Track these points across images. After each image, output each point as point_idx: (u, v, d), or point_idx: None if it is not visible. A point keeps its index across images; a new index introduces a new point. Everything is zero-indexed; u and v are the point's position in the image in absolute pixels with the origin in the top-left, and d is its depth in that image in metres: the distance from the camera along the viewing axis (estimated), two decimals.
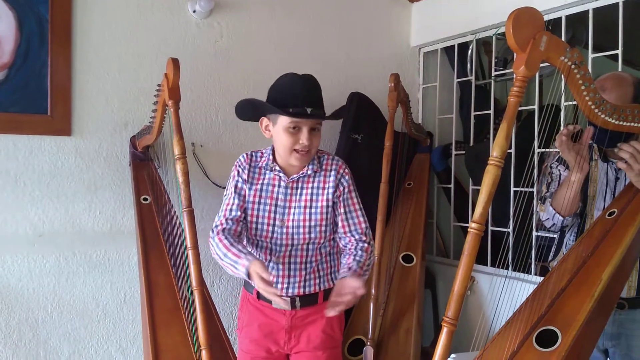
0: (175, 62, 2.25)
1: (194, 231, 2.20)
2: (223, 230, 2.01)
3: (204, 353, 2.14)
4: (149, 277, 2.53)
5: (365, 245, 2.05)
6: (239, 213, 2.04)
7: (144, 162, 2.87)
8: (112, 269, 2.87)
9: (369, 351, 2.82)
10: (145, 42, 2.92)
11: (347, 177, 2.06)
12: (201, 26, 3.06)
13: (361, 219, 2.08)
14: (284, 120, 1.96)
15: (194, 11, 3.00)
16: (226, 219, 2.04)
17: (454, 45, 3.47)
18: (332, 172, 2.05)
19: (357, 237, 2.07)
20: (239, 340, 2.19)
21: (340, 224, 2.07)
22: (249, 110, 2.10)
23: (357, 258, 2.01)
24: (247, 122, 3.10)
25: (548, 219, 2.21)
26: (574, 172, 2.02)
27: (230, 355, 2.37)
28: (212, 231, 2.04)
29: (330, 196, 2.03)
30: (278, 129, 1.98)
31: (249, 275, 1.84)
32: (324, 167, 2.06)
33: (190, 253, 2.19)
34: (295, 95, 1.94)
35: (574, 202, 2.09)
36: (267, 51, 3.22)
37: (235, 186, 2.07)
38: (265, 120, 2.04)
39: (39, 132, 2.71)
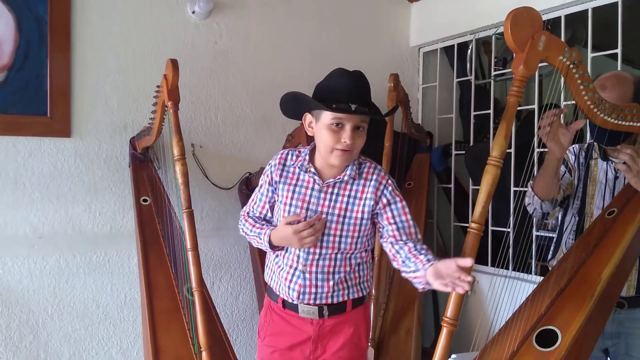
0: (174, 63, 2.25)
1: (193, 232, 2.20)
2: (248, 215, 2.05)
3: (204, 354, 2.13)
4: (149, 279, 2.53)
5: (420, 244, 1.88)
6: (259, 209, 2.03)
7: (143, 164, 2.87)
8: (112, 271, 2.87)
9: (369, 351, 2.81)
10: (145, 43, 2.93)
11: (390, 188, 1.92)
12: (200, 27, 3.06)
13: (412, 229, 1.92)
14: (326, 117, 1.85)
15: (193, 12, 3.00)
16: (247, 213, 2.06)
17: (453, 45, 3.47)
18: (372, 183, 1.91)
19: (410, 244, 1.89)
20: (259, 348, 2.09)
21: (391, 233, 1.92)
22: (292, 105, 1.97)
23: (427, 255, 1.82)
24: (247, 123, 3.16)
25: (530, 203, 2.23)
26: (548, 153, 2.04)
27: (230, 357, 2.37)
28: (240, 217, 2.07)
29: (367, 208, 1.89)
30: (320, 126, 1.87)
31: (271, 243, 1.91)
32: (364, 175, 1.93)
33: (190, 254, 2.19)
34: (340, 91, 1.84)
35: (551, 185, 2.11)
36: (266, 52, 3.22)
37: (261, 186, 2.02)
38: (308, 117, 1.93)
39: (39, 133, 2.71)
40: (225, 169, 3.10)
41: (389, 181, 1.93)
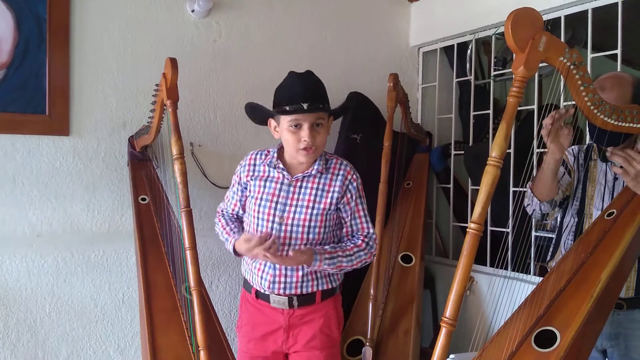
0: (173, 62, 2.24)
1: (192, 231, 2.19)
2: (222, 214, 2.23)
3: (202, 353, 2.13)
4: (147, 278, 2.53)
5: (359, 241, 2.07)
6: (232, 207, 2.21)
7: (142, 162, 2.86)
8: (110, 269, 2.86)
9: (367, 352, 2.82)
10: (144, 41, 2.92)
11: (354, 183, 2.08)
12: (200, 26, 3.06)
13: (364, 225, 2.09)
14: (284, 120, 1.99)
15: (193, 11, 2.99)
16: (223, 211, 2.25)
17: (453, 45, 3.46)
18: (339, 177, 2.06)
19: (356, 237, 2.10)
20: (238, 339, 2.21)
21: (344, 229, 2.10)
22: (255, 114, 2.13)
23: (343, 244, 2.07)
24: (247, 122, 3.13)
25: (529, 204, 2.24)
26: (547, 154, 2.04)
27: (228, 356, 2.36)
28: (216, 213, 2.26)
29: (334, 200, 2.04)
30: (282, 129, 2.01)
31: (235, 251, 2.05)
32: (330, 169, 2.07)
33: (188, 253, 2.19)
34: (292, 94, 1.96)
35: (549, 186, 2.11)
36: (265, 51, 3.21)
37: (233, 185, 2.19)
38: (272, 122, 2.06)
39: (37, 132, 2.70)
40: (224, 168, 3.09)
41: (354, 176, 2.09)
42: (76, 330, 2.81)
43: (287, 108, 1.95)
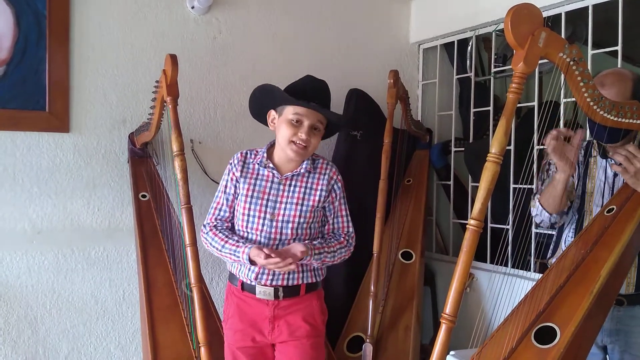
0: (173, 59, 2.24)
1: (192, 228, 2.20)
2: (215, 227, 2.19)
3: (202, 350, 2.14)
4: (148, 274, 2.53)
5: (341, 238, 2.20)
6: (227, 214, 2.20)
7: (142, 159, 2.87)
8: (110, 266, 2.87)
9: (368, 348, 2.82)
10: (144, 38, 2.92)
11: (339, 184, 2.21)
12: (199, 22, 3.05)
13: (345, 223, 2.24)
14: (288, 112, 2.09)
15: (193, 7, 2.99)
16: (215, 219, 2.21)
17: (453, 42, 3.46)
18: (326, 177, 2.18)
19: (338, 234, 2.23)
20: (224, 332, 2.23)
21: (327, 226, 2.23)
22: (259, 100, 2.20)
23: (327, 240, 2.18)
24: (246, 118, 3.13)
25: (537, 215, 2.25)
26: (558, 172, 2.05)
27: None
28: (205, 227, 2.21)
29: (321, 198, 2.16)
30: (282, 121, 2.11)
31: (250, 260, 2.03)
32: (318, 169, 2.19)
33: (188, 250, 2.19)
34: (304, 91, 2.09)
35: (560, 200, 2.12)
36: (265, 47, 3.21)
37: (225, 186, 2.21)
38: (272, 113, 2.17)
39: (37, 128, 2.71)
40: (224, 164, 3.06)
41: (339, 177, 2.22)
42: (77, 327, 2.81)
43: (297, 100, 2.06)
